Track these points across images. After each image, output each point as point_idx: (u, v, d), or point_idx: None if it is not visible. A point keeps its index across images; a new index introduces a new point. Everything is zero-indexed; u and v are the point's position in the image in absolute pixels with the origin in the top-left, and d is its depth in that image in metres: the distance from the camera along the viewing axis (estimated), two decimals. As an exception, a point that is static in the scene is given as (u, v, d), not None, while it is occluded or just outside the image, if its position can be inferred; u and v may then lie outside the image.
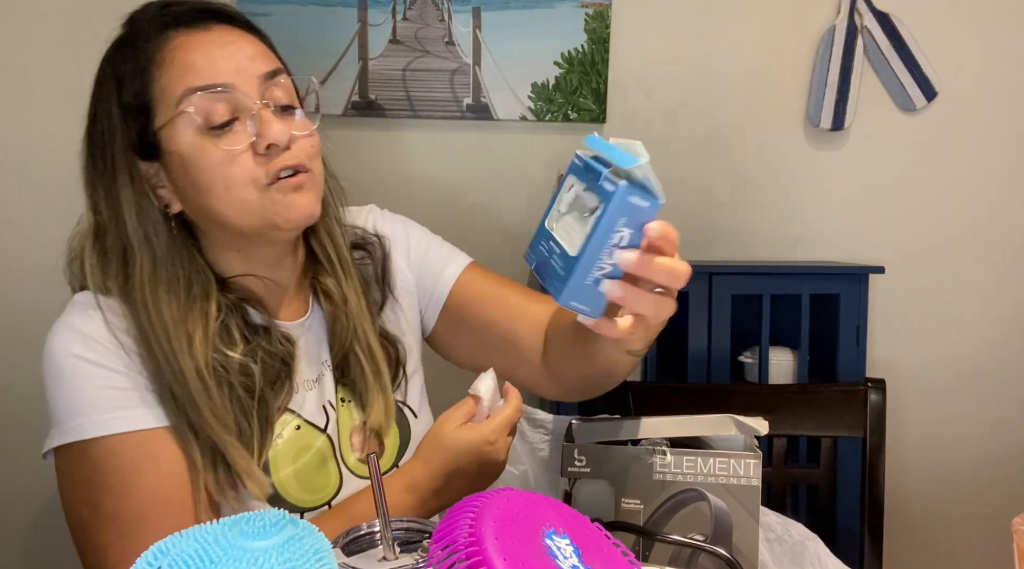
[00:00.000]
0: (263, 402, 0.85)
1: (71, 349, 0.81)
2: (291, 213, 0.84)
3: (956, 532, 2.03)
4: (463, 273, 1.04)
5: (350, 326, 0.93)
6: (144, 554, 0.48)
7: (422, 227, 1.09)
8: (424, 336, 1.08)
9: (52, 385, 0.82)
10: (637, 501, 0.83)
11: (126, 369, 0.82)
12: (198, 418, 0.81)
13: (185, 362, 0.81)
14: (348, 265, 0.96)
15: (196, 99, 0.81)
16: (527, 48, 1.88)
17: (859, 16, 1.92)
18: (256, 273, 0.91)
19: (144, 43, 0.84)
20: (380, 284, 1.01)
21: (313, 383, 0.93)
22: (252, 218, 0.84)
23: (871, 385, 1.35)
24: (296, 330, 0.93)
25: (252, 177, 0.83)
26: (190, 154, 0.82)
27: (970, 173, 1.98)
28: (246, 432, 0.84)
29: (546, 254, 0.71)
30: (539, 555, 0.52)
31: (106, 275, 0.85)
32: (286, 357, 0.89)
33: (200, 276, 0.86)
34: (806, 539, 0.90)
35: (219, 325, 0.85)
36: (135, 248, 0.84)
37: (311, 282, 0.96)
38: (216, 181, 0.83)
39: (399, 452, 0.96)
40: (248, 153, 0.83)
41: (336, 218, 0.97)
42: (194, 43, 0.83)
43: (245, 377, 0.85)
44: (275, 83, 0.85)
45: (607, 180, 0.65)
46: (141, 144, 0.85)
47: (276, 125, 0.83)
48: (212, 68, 0.82)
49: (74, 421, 0.80)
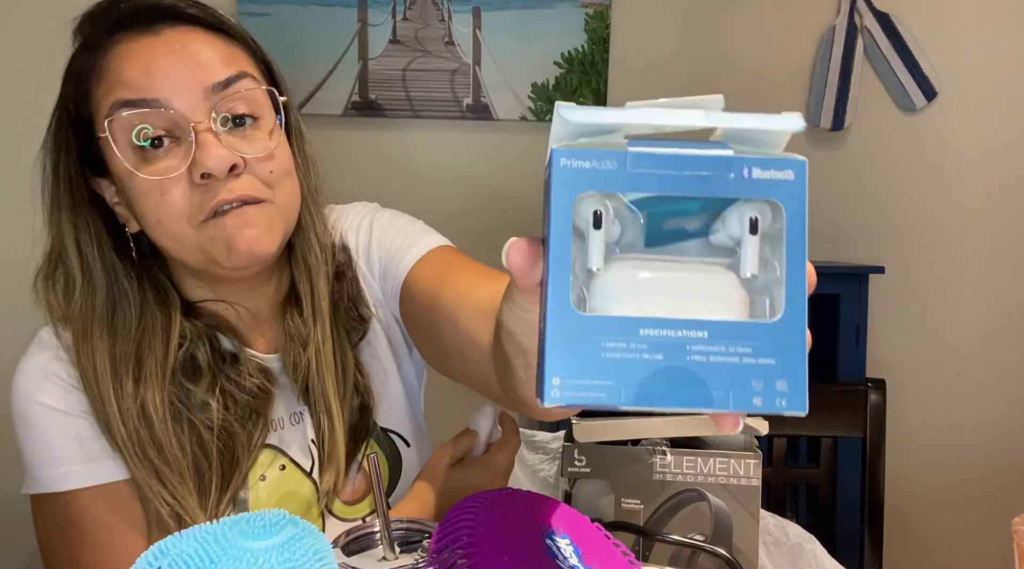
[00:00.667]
0: (228, 440, 0.78)
1: (34, 396, 0.76)
2: (232, 250, 0.72)
3: (956, 532, 2.03)
4: (421, 260, 0.85)
5: (307, 371, 0.82)
6: (144, 554, 0.48)
7: (396, 213, 0.93)
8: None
9: (20, 431, 0.78)
10: (637, 501, 0.83)
11: (85, 414, 0.76)
12: (139, 464, 0.74)
13: (112, 408, 0.74)
14: (320, 303, 0.83)
15: (123, 115, 0.71)
16: (527, 48, 1.88)
17: (859, 16, 1.92)
18: (227, 300, 0.82)
19: (91, 49, 0.75)
20: (356, 315, 0.88)
21: (299, 417, 0.85)
22: (190, 254, 0.74)
23: (871, 385, 1.35)
24: (275, 363, 0.84)
25: (185, 212, 0.72)
26: (122, 177, 0.73)
27: (970, 173, 1.98)
28: (205, 474, 0.76)
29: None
30: (539, 555, 0.52)
31: (60, 304, 0.78)
32: (258, 391, 0.80)
33: (159, 303, 0.78)
34: (804, 541, 0.90)
35: (183, 354, 0.77)
36: (73, 274, 0.76)
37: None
38: (146, 211, 0.73)
39: (391, 483, 0.91)
40: (184, 181, 0.71)
41: (319, 244, 0.84)
42: (133, 50, 0.73)
43: (205, 414, 0.77)
44: (230, 94, 0.73)
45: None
46: (90, 158, 0.76)
47: (216, 150, 0.70)
48: (146, 80, 0.71)
49: (45, 471, 0.76)
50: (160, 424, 0.75)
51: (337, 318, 0.86)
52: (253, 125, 0.75)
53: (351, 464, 0.85)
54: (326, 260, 0.84)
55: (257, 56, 0.80)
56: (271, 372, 0.83)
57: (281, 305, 0.85)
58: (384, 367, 0.91)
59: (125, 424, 0.74)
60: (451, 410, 1.11)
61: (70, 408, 0.76)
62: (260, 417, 0.80)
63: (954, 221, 1.99)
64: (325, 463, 0.82)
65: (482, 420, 0.86)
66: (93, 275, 0.76)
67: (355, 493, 0.86)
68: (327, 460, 0.82)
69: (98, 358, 0.75)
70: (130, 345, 0.76)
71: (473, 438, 0.85)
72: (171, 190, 0.71)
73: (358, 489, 0.87)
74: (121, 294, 0.76)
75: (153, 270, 0.80)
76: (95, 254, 0.76)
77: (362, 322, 0.88)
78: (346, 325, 0.87)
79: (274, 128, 0.77)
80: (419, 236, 0.88)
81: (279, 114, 0.78)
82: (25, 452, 0.78)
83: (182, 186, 0.71)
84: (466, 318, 0.73)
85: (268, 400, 0.81)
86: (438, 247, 0.87)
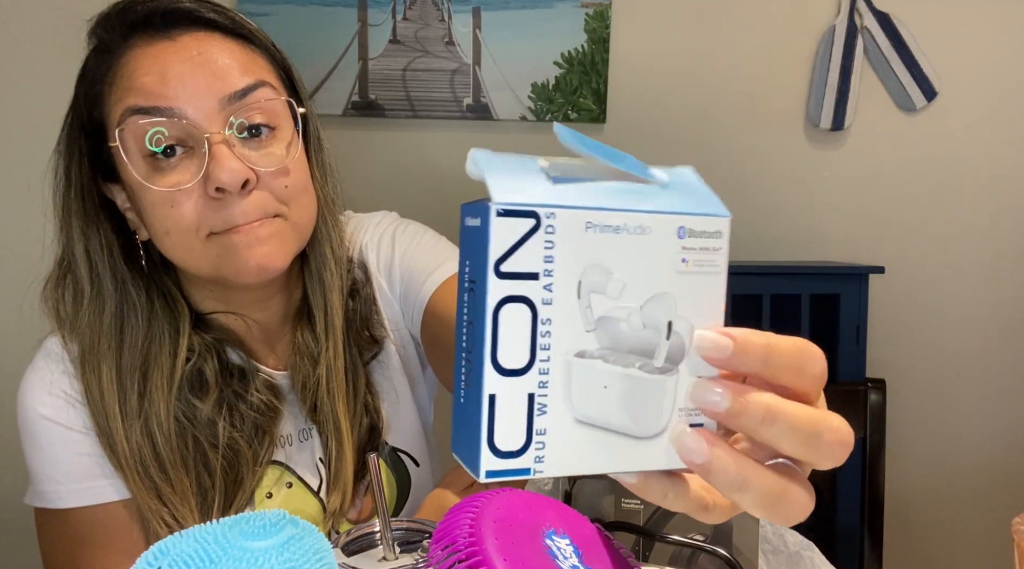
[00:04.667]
0: (233, 458, 0.76)
1: (39, 409, 0.75)
2: (241, 267, 0.70)
3: (956, 532, 2.03)
4: (446, 282, 0.84)
5: (316, 389, 0.80)
6: (144, 554, 0.48)
7: (419, 229, 0.92)
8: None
9: (26, 444, 0.77)
10: (637, 501, 0.83)
11: (90, 430, 0.75)
12: (140, 483, 0.73)
13: (116, 424, 0.72)
14: (333, 319, 0.80)
15: (133, 123, 0.69)
16: (527, 48, 1.88)
17: (859, 16, 1.91)
18: (237, 312, 0.80)
19: (106, 52, 0.73)
20: (368, 336, 0.86)
21: (307, 433, 0.83)
22: (199, 267, 0.72)
23: (871, 385, 1.35)
24: (284, 379, 0.82)
25: (195, 226, 0.70)
26: (133, 186, 0.71)
27: (970, 173, 1.98)
28: (208, 493, 0.75)
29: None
30: (539, 555, 0.52)
31: (66, 314, 0.76)
32: (265, 408, 0.78)
33: (168, 315, 0.76)
34: (802, 549, 0.90)
35: (190, 369, 0.75)
36: (82, 283, 0.74)
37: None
38: (155, 221, 0.71)
39: (398, 502, 0.89)
40: (196, 193, 0.69)
41: (335, 258, 0.81)
42: (149, 55, 0.70)
43: (211, 431, 0.75)
44: (247, 103, 0.70)
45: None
46: (101, 164, 0.75)
47: (229, 163, 0.67)
48: (158, 87, 0.68)
49: (51, 487, 0.76)
50: (164, 442, 0.73)
51: (349, 335, 0.83)
52: (270, 135, 0.73)
53: (358, 486, 0.84)
54: (341, 274, 0.82)
55: (277, 62, 0.78)
56: (279, 389, 0.81)
57: (293, 319, 0.83)
58: (396, 387, 0.89)
59: (128, 441, 0.73)
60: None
61: (76, 424, 0.76)
62: (266, 435, 0.79)
63: (954, 221, 1.99)
64: (332, 483, 0.81)
65: None
66: (102, 284, 0.74)
67: (362, 513, 0.85)
68: (334, 480, 0.81)
69: (104, 371, 0.73)
70: (136, 357, 0.74)
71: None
72: (182, 202, 0.69)
73: (364, 509, 0.85)
74: (129, 305, 0.75)
75: (163, 280, 0.78)
76: (105, 263, 0.74)
77: (374, 343, 0.86)
78: (358, 343, 0.85)
79: (292, 139, 0.74)
80: (445, 256, 0.87)
81: (297, 124, 0.75)
82: (31, 465, 0.78)
83: (194, 199, 0.69)
84: None
85: (276, 418, 0.80)
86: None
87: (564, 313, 0.33)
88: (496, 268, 0.32)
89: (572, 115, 1.90)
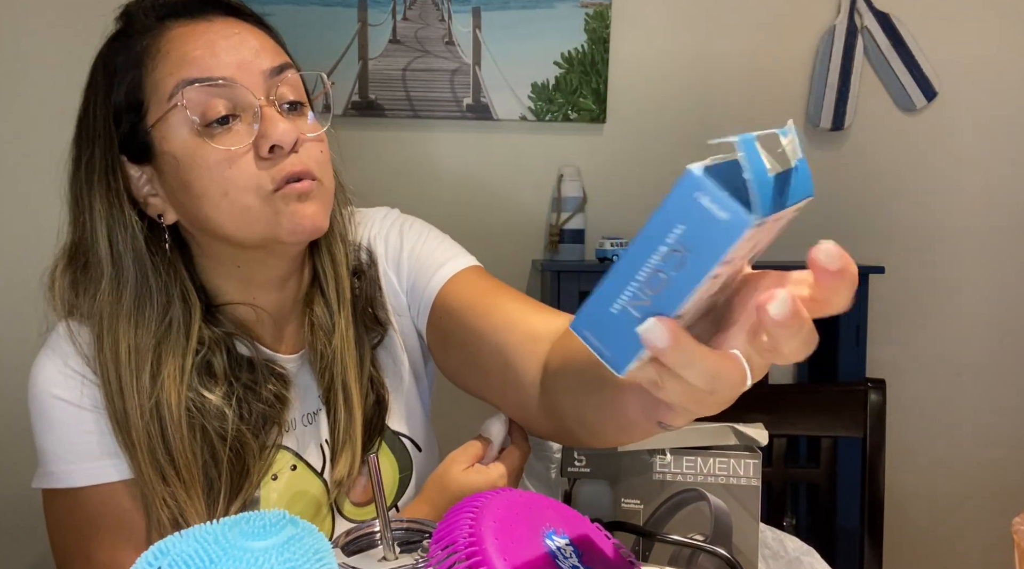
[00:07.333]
0: (240, 450, 0.79)
1: (51, 390, 0.77)
2: (296, 225, 0.75)
3: (956, 532, 2.03)
4: (455, 276, 0.88)
5: (331, 361, 0.84)
6: (144, 554, 0.48)
7: (424, 225, 0.95)
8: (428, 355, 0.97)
9: (37, 425, 0.78)
10: (637, 501, 0.83)
11: (102, 409, 0.77)
12: (147, 463, 0.75)
13: (131, 403, 0.74)
14: (344, 292, 0.86)
15: (191, 92, 0.73)
16: (527, 48, 1.88)
17: (859, 16, 1.92)
18: (252, 300, 0.83)
19: (140, 34, 0.77)
20: (373, 316, 0.90)
21: (312, 417, 0.86)
22: (252, 229, 0.76)
23: (871, 385, 1.35)
24: (293, 363, 0.86)
25: (254, 183, 0.74)
26: (183, 155, 0.75)
27: (970, 173, 1.98)
28: (215, 483, 0.77)
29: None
30: (539, 555, 0.52)
31: (77, 299, 0.78)
32: (274, 398, 0.81)
33: (183, 303, 0.78)
34: (802, 554, 0.90)
35: (200, 360, 0.78)
36: (101, 266, 0.77)
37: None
38: (211, 185, 0.74)
39: (400, 486, 0.91)
40: (249, 155, 0.74)
41: (341, 237, 0.87)
42: (193, 34, 0.76)
43: (220, 423, 0.77)
44: (282, 79, 0.78)
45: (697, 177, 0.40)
46: (132, 145, 0.77)
47: (282, 124, 0.74)
48: (211, 60, 0.74)
49: (61, 466, 0.77)
50: (174, 427, 0.75)
51: (355, 312, 0.88)
52: (302, 110, 0.79)
53: (363, 466, 0.86)
54: (347, 252, 0.87)
55: (287, 52, 0.84)
56: (287, 376, 0.84)
57: (303, 302, 0.86)
58: (400, 372, 0.92)
59: (142, 418, 0.75)
60: (458, 418, 1.11)
61: (87, 403, 0.77)
62: (275, 425, 0.81)
63: (954, 221, 1.99)
64: (341, 449, 0.84)
65: (494, 427, 0.86)
66: (123, 266, 0.77)
67: (365, 493, 0.87)
68: (342, 447, 0.84)
69: (121, 349, 0.75)
70: (151, 339, 0.76)
71: (485, 445, 0.86)
72: (239, 161, 0.74)
73: (368, 490, 0.88)
74: (147, 288, 0.77)
75: (180, 269, 0.80)
76: (128, 245, 0.77)
77: (378, 324, 0.90)
78: (364, 322, 0.89)
79: (314, 119, 0.81)
80: (453, 252, 0.91)
81: (311, 107, 0.82)
82: (40, 447, 0.79)
83: (249, 158, 0.74)
84: (515, 342, 0.78)
85: (284, 408, 0.82)
86: (472, 266, 0.90)
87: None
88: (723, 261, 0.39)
89: (572, 115, 1.90)
